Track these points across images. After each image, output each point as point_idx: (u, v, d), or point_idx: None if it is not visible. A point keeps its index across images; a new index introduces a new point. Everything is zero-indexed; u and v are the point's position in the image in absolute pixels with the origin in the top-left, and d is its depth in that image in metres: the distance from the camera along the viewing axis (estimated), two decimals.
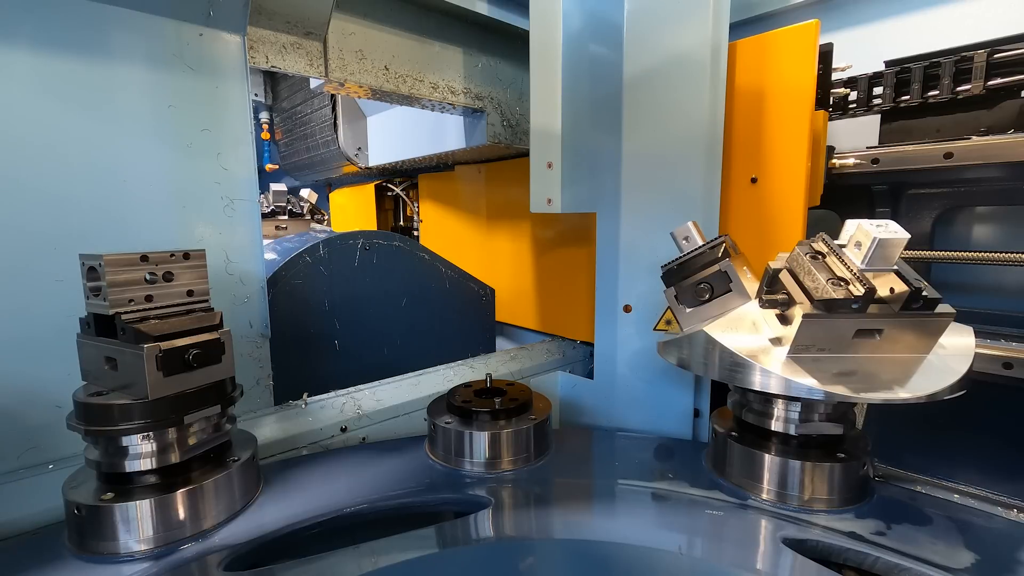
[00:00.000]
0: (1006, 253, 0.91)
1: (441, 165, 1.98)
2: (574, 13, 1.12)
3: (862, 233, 0.66)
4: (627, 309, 1.10)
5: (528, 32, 1.15)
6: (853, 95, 1.11)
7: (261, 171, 2.60)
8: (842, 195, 1.14)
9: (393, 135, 2.32)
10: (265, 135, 3.14)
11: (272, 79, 3.08)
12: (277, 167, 3.27)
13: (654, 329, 1.08)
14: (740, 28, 1.31)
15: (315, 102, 2.69)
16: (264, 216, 1.72)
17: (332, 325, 1.27)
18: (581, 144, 1.15)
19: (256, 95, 3.01)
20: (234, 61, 0.95)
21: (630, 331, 1.11)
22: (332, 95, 2.53)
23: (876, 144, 1.08)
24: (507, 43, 1.44)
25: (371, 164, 2.52)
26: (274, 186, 1.72)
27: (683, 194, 1.05)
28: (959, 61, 0.98)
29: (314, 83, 1.27)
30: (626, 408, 1.13)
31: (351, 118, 2.53)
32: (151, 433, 0.69)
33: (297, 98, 2.86)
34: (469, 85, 1.40)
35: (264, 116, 3.13)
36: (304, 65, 1.11)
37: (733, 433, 0.86)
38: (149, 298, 0.69)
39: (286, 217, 1.78)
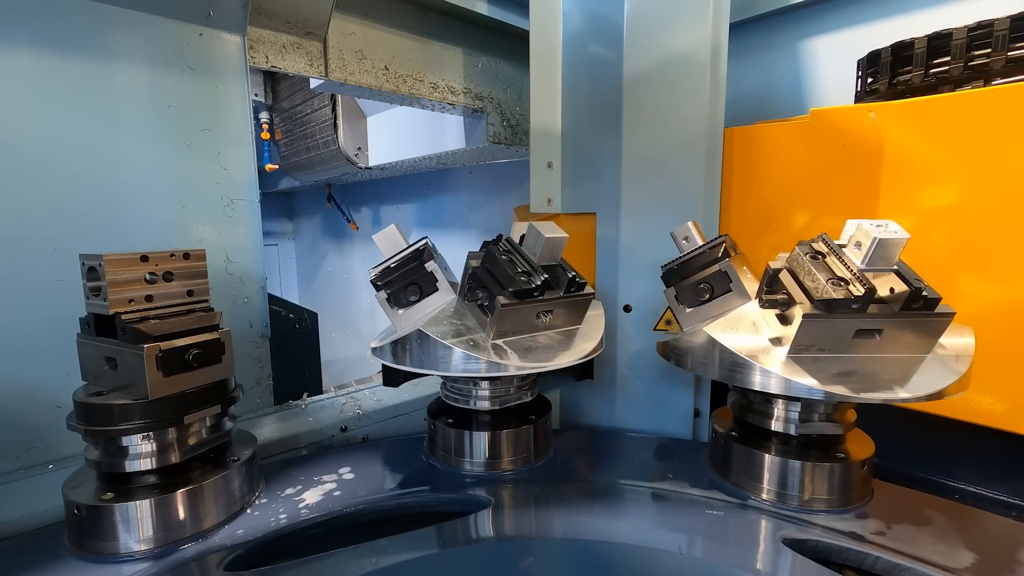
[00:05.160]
0: None
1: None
2: (574, 13, 1.12)
3: (862, 233, 0.66)
4: (627, 309, 1.10)
5: (528, 32, 1.15)
6: None
7: (261, 171, 2.61)
8: None
9: (393, 135, 2.32)
10: (265, 135, 3.14)
11: (272, 79, 3.08)
12: (277, 167, 3.27)
13: (654, 329, 1.08)
14: (740, 28, 1.31)
15: (315, 102, 2.69)
16: None
17: None
18: (581, 144, 1.15)
19: (256, 95, 3.01)
20: (234, 61, 0.95)
21: (630, 331, 1.11)
22: (332, 95, 2.53)
23: None
24: (507, 43, 1.44)
25: (371, 164, 2.51)
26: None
27: (683, 194, 1.05)
28: None
29: (314, 83, 1.28)
30: (626, 408, 1.13)
31: (351, 118, 2.52)
32: (151, 433, 0.69)
33: (297, 98, 2.86)
34: (469, 85, 1.40)
35: (264, 116, 3.13)
36: (304, 65, 1.11)
37: (733, 433, 0.86)
38: (149, 298, 0.69)
39: None
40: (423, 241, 0.85)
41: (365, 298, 3.38)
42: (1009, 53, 0.83)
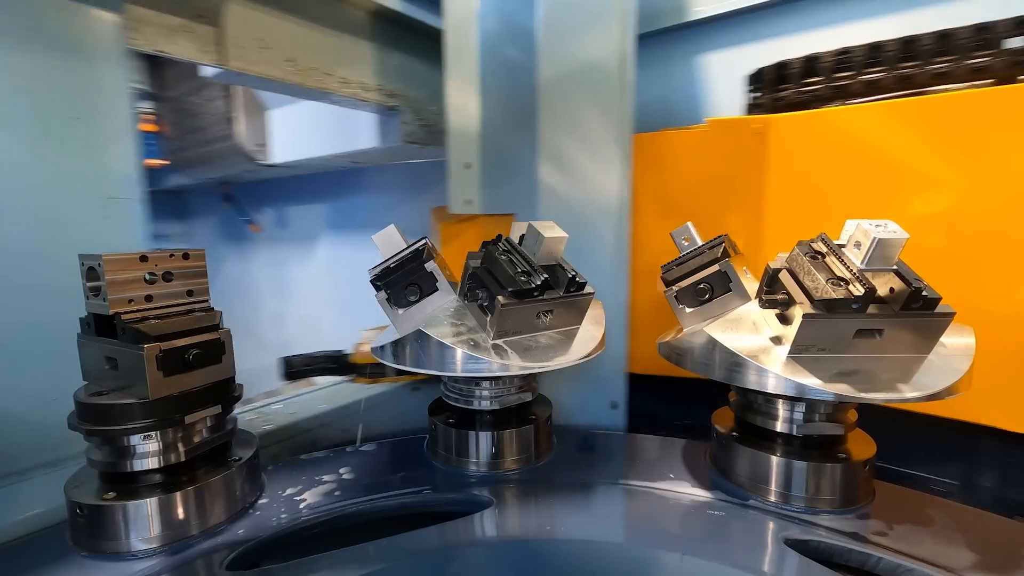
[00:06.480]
0: None
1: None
2: (489, 16, 1.13)
3: (861, 233, 0.66)
4: None
5: (442, 31, 1.13)
6: None
7: (146, 167, 2.31)
8: None
9: (300, 131, 2.13)
10: (150, 127, 2.79)
11: (158, 65, 2.75)
12: (165, 163, 2.90)
13: None
14: (645, 40, 1.31)
15: (207, 92, 2.44)
16: None
17: None
18: (499, 145, 1.15)
19: (137, 82, 2.54)
20: (110, 42, 0.85)
21: None
22: (227, 85, 2.27)
23: None
24: (421, 42, 1.36)
25: (276, 161, 2.27)
26: None
27: (599, 196, 1.08)
28: None
29: (209, 72, 1.14)
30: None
31: (250, 111, 2.29)
32: (152, 433, 0.69)
33: (187, 87, 2.59)
34: (382, 82, 1.32)
35: (147, 106, 2.77)
36: (194, 51, 0.99)
37: (734, 433, 0.85)
38: (149, 298, 0.69)
39: None
40: (423, 241, 0.85)
41: (270, 305, 3.14)
42: (864, 76, 0.97)
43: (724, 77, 1.30)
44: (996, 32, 0.89)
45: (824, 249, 0.71)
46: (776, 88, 1.07)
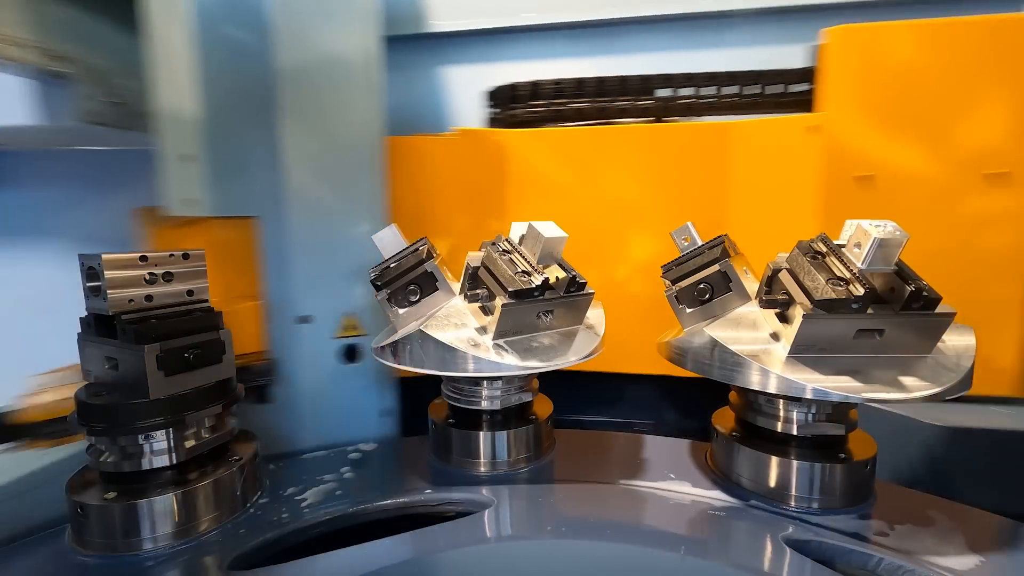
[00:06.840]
0: None
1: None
2: None
3: (861, 233, 0.66)
4: (305, 320, 1.03)
5: None
6: None
7: None
8: None
9: None
10: None
11: None
12: None
13: (335, 337, 1.04)
14: (396, 44, 1.29)
15: None
16: None
17: None
18: (230, 138, 0.99)
19: None
20: None
21: (311, 344, 1.04)
22: None
23: None
24: None
25: None
26: None
27: (352, 200, 1.05)
28: None
29: None
30: (316, 424, 1.06)
31: None
32: (153, 433, 0.69)
33: None
34: (42, 38, 0.96)
35: None
36: None
37: (735, 433, 0.85)
38: (149, 298, 0.70)
39: None
40: (423, 241, 0.86)
41: None
42: (574, 104, 1.18)
43: (467, 90, 1.39)
44: (652, 83, 1.15)
45: (824, 249, 0.70)
46: (509, 106, 1.23)
